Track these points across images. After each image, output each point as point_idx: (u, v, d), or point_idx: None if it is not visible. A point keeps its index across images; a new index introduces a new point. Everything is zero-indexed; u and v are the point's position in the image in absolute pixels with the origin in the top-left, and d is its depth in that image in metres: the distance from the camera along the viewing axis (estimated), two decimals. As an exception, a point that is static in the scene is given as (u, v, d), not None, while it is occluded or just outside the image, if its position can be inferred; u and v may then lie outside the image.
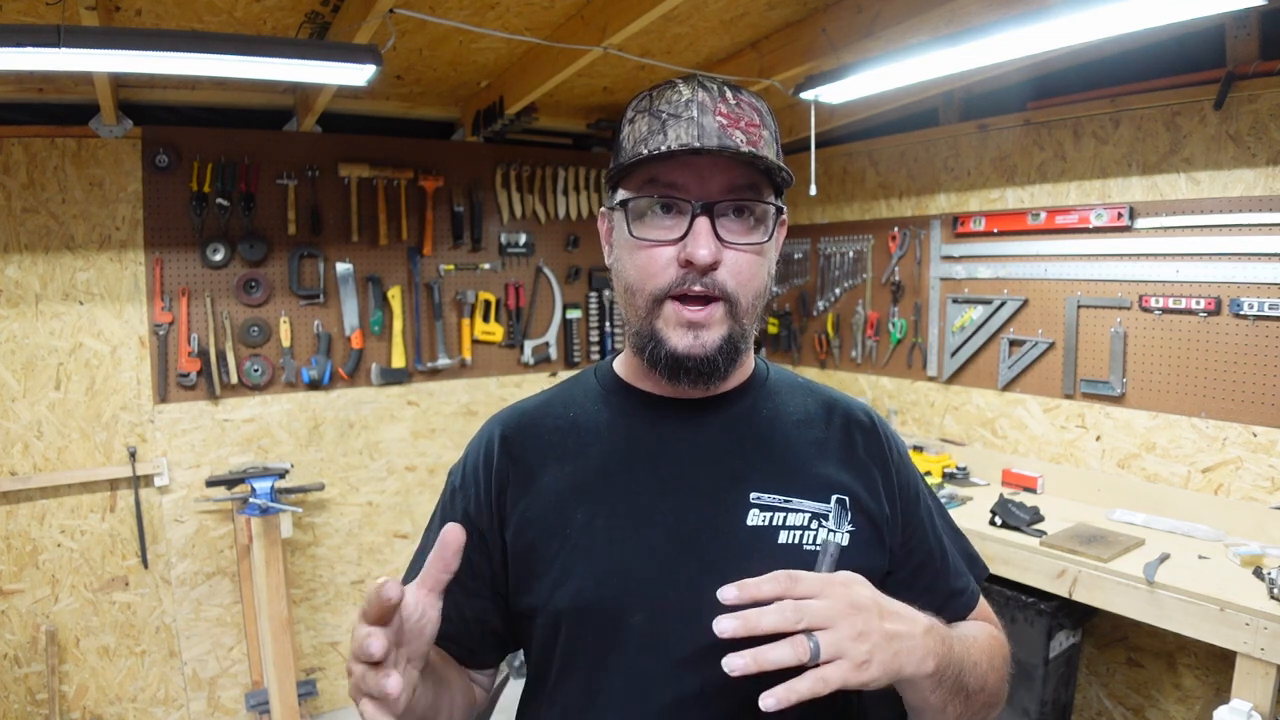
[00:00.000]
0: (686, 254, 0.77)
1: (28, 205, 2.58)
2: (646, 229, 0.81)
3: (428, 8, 2.07)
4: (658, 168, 0.79)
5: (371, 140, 3.11)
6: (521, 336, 3.49)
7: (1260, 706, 1.71)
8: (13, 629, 2.62)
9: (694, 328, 0.80)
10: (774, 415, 0.91)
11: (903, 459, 0.95)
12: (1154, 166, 2.38)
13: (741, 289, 0.80)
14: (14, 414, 2.60)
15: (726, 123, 0.78)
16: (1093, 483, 2.54)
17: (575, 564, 0.83)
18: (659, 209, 0.80)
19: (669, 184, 0.79)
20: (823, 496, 0.85)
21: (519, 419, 0.94)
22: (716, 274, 0.79)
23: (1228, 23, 2.17)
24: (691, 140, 0.77)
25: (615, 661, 0.81)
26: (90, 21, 1.76)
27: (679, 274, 0.79)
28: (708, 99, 0.79)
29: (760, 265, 0.82)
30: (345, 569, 3.19)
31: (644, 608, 0.81)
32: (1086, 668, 2.62)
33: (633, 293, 0.83)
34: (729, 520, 0.83)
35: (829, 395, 0.97)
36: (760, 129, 0.81)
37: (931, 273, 3.03)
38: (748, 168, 0.79)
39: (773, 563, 0.81)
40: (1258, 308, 2.14)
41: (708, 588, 0.80)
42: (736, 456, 0.87)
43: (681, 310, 0.80)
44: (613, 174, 0.83)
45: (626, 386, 0.92)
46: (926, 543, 0.93)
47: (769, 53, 2.59)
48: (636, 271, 0.82)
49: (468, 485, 0.92)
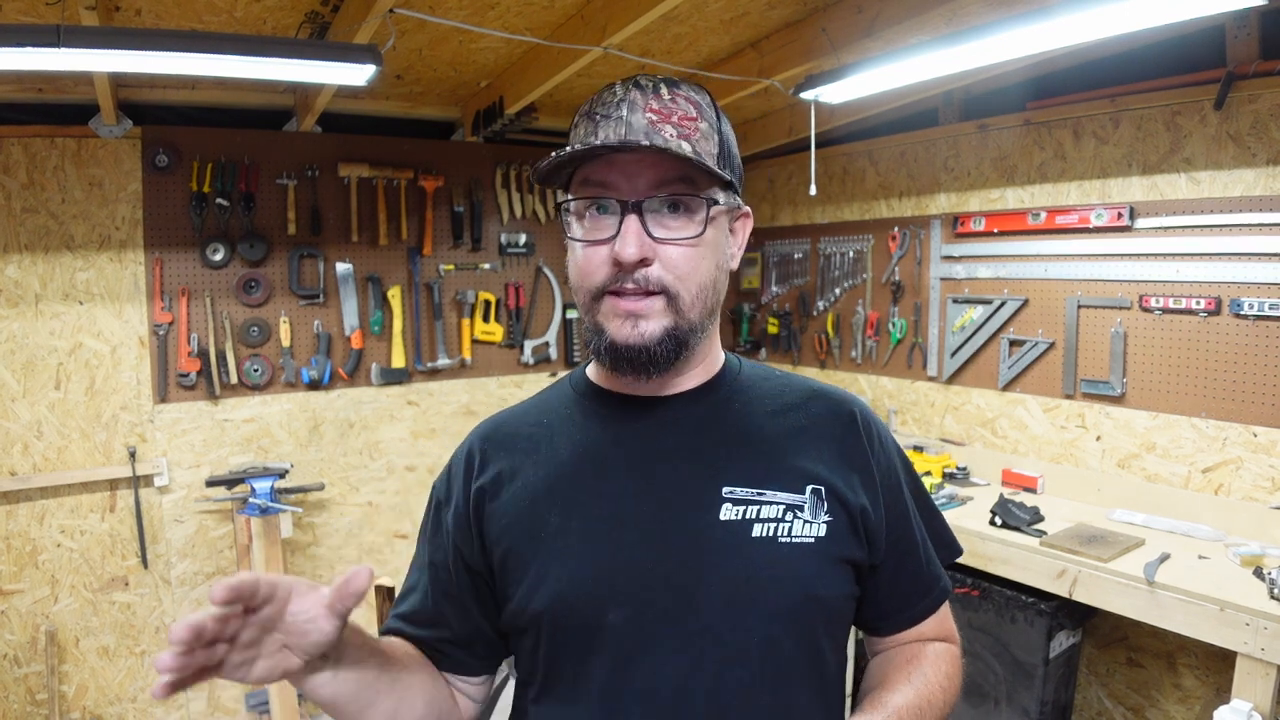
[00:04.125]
0: (614, 253, 0.78)
1: (27, 205, 2.58)
2: (585, 230, 0.82)
3: (428, 8, 2.07)
4: (589, 169, 0.80)
5: (371, 140, 3.11)
6: (521, 336, 3.49)
7: (1260, 707, 1.71)
8: (13, 629, 2.62)
9: (632, 318, 0.80)
10: (745, 408, 0.91)
11: (884, 448, 0.93)
12: (1154, 166, 2.38)
13: (680, 283, 0.80)
14: (14, 414, 2.60)
15: (656, 118, 0.79)
16: (1093, 483, 2.54)
17: (550, 567, 0.83)
18: (595, 209, 0.81)
19: (599, 184, 0.80)
20: (798, 488, 0.85)
21: (494, 430, 0.95)
22: (649, 271, 0.79)
23: (1228, 23, 2.17)
24: (612, 138, 0.77)
25: (595, 661, 0.82)
26: (90, 21, 1.76)
27: (612, 272, 0.80)
28: (639, 96, 0.80)
29: (699, 257, 0.81)
30: (345, 569, 3.15)
31: (621, 607, 0.81)
32: (1086, 668, 2.62)
33: (575, 290, 0.85)
34: (702, 516, 0.83)
35: (806, 386, 0.95)
36: (696, 121, 0.81)
37: (931, 273, 3.03)
38: (679, 161, 0.78)
39: (747, 556, 0.81)
40: (1258, 308, 2.14)
41: (683, 585, 0.81)
42: (708, 451, 0.87)
43: (618, 302, 0.80)
44: (535, 174, 0.83)
45: (597, 389, 0.93)
46: (909, 537, 0.93)
47: (769, 53, 2.59)
48: (576, 271, 0.84)
49: (450, 500, 0.93)
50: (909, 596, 0.94)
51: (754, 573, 0.81)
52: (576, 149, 0.77)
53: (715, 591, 0.80)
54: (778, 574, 0.81)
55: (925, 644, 0.95)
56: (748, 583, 0.81)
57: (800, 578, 0.82)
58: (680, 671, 0.80)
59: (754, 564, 0.81)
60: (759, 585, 0.81)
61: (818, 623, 0.84)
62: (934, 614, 0.96)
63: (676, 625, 0.80)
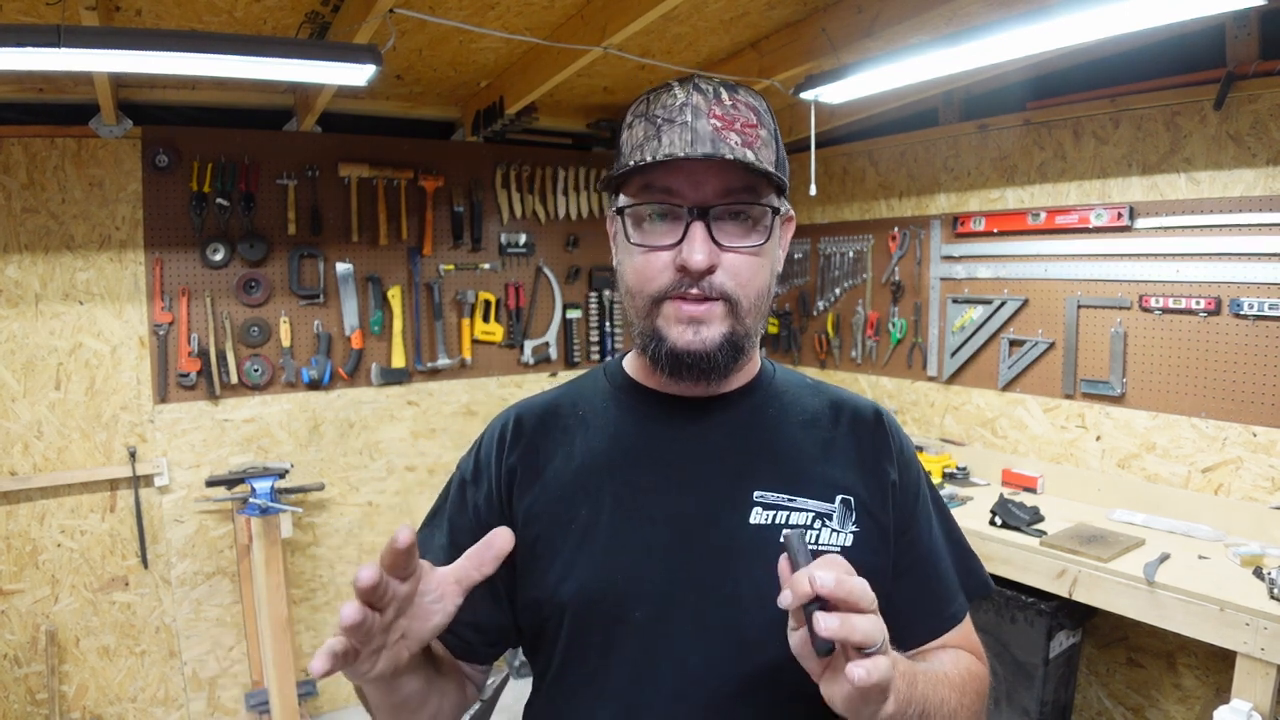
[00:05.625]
0: (681, 260, 0.78)
1: (27, 205, 2.58)
2: (644, 235, 0.82)
3: (428, 8, 2.07)
4: (653, 174, 0.80)
5: (371, 140, 3.11)
6: (521, 336, 3.49)
7: (1260, 707, 1.71)
8: (13, 629, 2.62)
9: (694, 323, 0.80)
10: (780, 415, 0.91)
11: (909, 460, 0.94)
12: (1154, 166, 2.38)
13: (741, 290, 0.81)
14: (14, 414, 2.60)
15: (721, 125, 0.79)
16: (1093, 483, 2.54)
17: (579, 558, 0.84)
18: (656, 215, 0.81)
19: (664, 190, 0.80)
20: (827, 496, 0.85)
21: (528, 412, 0.95)
22: (714, 278, 0.79)
23: (1228, 23, 2.17)
24: (685, 146, 0.77)
25: (617, 655, 0.82)
26: (90, 21, 1.76)
27: (676, 278, 0.80)
28: (702, 102, 0.80)
29: (760, 266, 0.82)
30: (345, 569, 3.19)
31: (646, 603, 0.81)
32: (1086, 668, 2.62)
33: (633, 295, 0.84)
34: (732, 518, 0.83)
35: (836, 395, 0.96)
36: (757, 129, 0.81)
37: (931, 273, 3.03)
38: (743, 170, 0.79)
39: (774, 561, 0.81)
40: (1258, 308, 2.14)
41: (710, 584, 0.81)
42: (741, 455, 0.87)
43: (681, 306, 0.80)
44: (606, 181, 0.84)
45: (634, 384, 0.93)
46: (919, 546, 0.92)
47: (769, 53, 2.59)
48: (635, 275, 0.83)
49: (481, 478, 0.92)
50: (928, 608, 0.92)
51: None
52: (656, 158, 0.77)
53: (741, 594, 0.81)
54: None
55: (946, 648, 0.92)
56: (773, 587, 0.81)
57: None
58: (702, 672, 0.80)
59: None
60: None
61: None
62: (955, 629, 0.93)
63: (700, 625, 0.80)
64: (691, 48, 2.62)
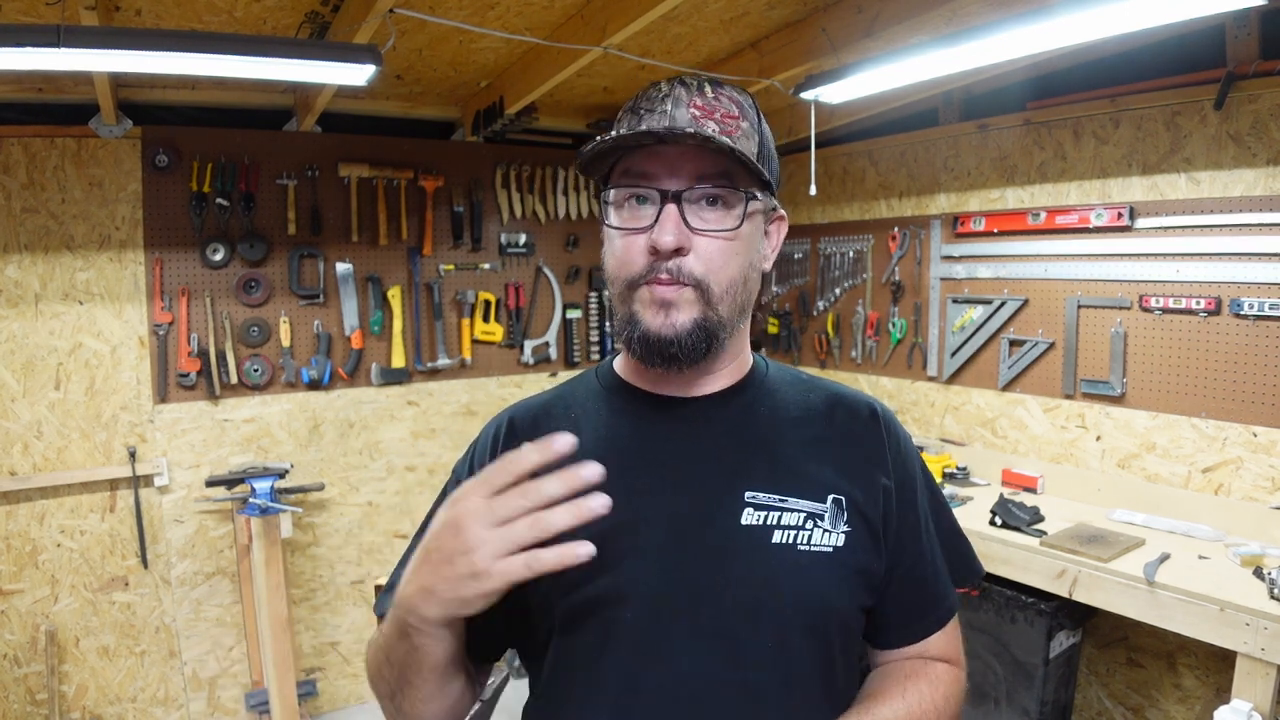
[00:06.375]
0: (651, 240, 0.79)
1: (27, 205, 2.58)
2: (622, 219, 0.83)
3: (428, 8, 2.07)
4: (631, 159, 0.82)
5: (371, 140, 3.11)
6: (521, 336, 3.49)
7: (1260, 707, 1.71)
8: (12, 629, 2.62)
9: (665, 307, 0.81)
10: (772, 413, 0.91)
11: (906, 456, 0.93)
12: (1154, 166, 2.38)
13: (712, 275, 0.81)
14: (14, 414, 2.60)
15: (700, 114, 0.81)
16: (1093, 483, 2.54)
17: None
18: (635, 200, 0.82)
19: (640, 174, 0.81)
20: (819, 496, 0.85)
21: (523, 414, 0.95)
22: (684, 261, 0.80)
23: (1228, 23, 2.17)
24: (656, 129, 0.78)
25: (610, 658, 0.82)
26: (90, 21, 1.76)
27: (649, 261, 0.81)
28: (684, 94, 0.82)
29: (733, 252, 0.82)
30: (345, 569, 3.19)
31: (638, 605, 0.81)
32: (1086, 668, 2.62)
33: (611, 280, 0.85)
34: (723, 518, 0.83)
35: (832, 391, 0.96)
36: (738, 120, 0.83)
37: (931, 273, 3.03)
38: (720, 156, 0.79)
39: (766, 561, 0.81)
40: (1258, 308, 2.14)
41: (703, 585, 0.81)
42: (733, 454, 0.87)
43: (654, 289, 0.81)
44: (580, 162, 0.85)
45: (624, 384, 0.93)
46: (914, 548, 0.92)
47: (769, 53, 2.59)
48: (613, 259, 0.84)
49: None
50: (914, 611, 0.92)
51: (772, 578, 0.81)
52: (621, 134, 0.79)
53: (733, 595, 0.81)
54: (795, 581, 0.81)
55: (928, 663, 0.93)
56: (765, 588, 0.81)
57: (817, 586, 0.82)
58: (694, 672, 0.80)
59: (772, 570, 0.81)
60: (776, 591, 0.81)
61: (832, 631, 0.84)
62: (940, 632, 0.94)
63: (692, 625, 0.80)
64: (691, 48, 2.62)
